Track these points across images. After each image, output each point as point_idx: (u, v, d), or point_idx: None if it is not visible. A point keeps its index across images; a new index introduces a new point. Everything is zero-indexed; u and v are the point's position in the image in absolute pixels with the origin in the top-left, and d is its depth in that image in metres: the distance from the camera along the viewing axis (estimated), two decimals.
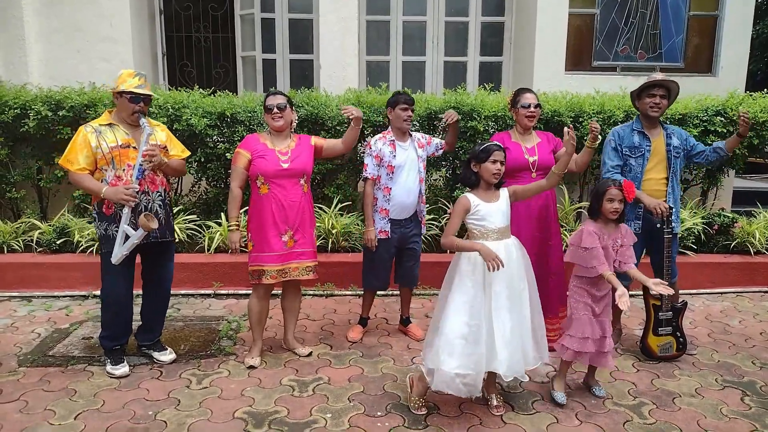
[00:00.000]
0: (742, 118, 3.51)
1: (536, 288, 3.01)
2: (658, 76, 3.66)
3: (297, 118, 3.65)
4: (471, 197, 2.90)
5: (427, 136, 4.00)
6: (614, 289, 2.93)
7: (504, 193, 2.97)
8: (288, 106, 3.47)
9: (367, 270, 3.94)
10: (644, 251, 3.88)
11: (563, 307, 3.79)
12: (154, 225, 3.17)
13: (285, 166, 3.40)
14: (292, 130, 3.60)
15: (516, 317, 2.86)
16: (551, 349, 3.67)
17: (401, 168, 3.74)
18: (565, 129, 2.90)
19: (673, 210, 3.59)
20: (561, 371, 3.20)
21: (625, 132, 3.76)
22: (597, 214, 3.12)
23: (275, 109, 3.41)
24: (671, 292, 3.09)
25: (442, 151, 3.99)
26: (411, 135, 3.87)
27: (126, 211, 3.16)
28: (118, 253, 3.20)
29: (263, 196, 3.40)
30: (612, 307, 3.18)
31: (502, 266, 2.73)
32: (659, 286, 2.98)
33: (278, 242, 3.42)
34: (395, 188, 3.75)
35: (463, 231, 3.07)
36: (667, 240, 3.54)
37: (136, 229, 3.17)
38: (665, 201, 3.63)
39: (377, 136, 3.83)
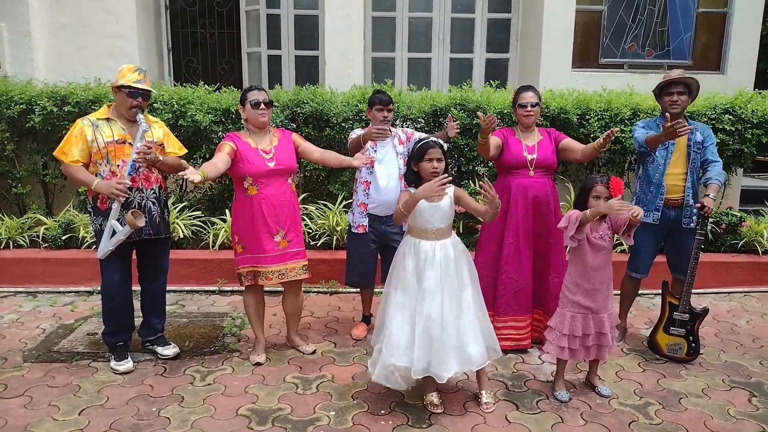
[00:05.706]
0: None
1: (479, 288, 3.00)
2: (675, 73, 3.62)
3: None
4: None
5: (408, 131, 3.90)
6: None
7: (449, 192, 2.92)
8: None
9: (347, 265, 3.94)
10: (660, 246, 3.84)
11: None
12: (141, 223, 3.13)
13: (271, 165, 3.34)
14: (271, 125, 3.55)
15: (451, 317, 2.84)
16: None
17: (380, 163, 3.72)
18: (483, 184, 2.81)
19: (692, 205, 3.61)
20: (558, 370, 3.17)
21: (651, 124, 3.79)
22: (583, 208, 3.04)
23: (263, 105, 3.35)
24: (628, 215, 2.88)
25: None
26: (392, 132, 3.78)
27: (115, 206, 3.14)
28: (104, 248, 3.18)
29: (252, 198, 3.33)
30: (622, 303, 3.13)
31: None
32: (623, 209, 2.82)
33: (270, 243, 3.37)
34: (375, 183, 3.74)
35: None
36: (698, 241, 3.49)
37: (123, 224, 3.15)
38: (683, 196, 3.64)
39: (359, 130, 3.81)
